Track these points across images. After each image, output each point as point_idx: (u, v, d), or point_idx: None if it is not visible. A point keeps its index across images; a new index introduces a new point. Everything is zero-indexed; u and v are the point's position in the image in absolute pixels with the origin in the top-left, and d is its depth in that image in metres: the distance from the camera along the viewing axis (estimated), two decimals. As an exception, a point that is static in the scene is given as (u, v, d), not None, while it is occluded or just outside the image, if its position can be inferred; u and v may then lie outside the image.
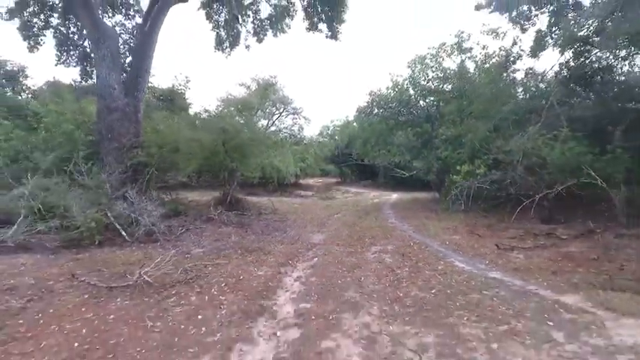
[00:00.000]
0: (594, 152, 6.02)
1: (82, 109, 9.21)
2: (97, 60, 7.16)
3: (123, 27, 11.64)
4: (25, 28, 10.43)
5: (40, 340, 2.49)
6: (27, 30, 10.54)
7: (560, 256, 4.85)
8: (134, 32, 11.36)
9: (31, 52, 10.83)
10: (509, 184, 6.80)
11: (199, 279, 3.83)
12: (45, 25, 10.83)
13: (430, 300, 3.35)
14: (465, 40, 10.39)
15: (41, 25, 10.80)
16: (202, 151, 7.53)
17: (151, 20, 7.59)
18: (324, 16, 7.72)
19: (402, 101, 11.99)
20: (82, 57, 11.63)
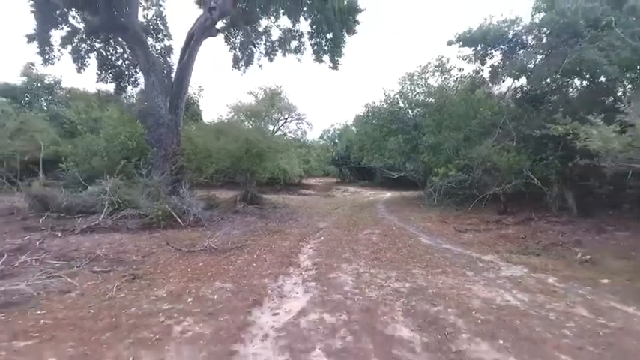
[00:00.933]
0: (534, 159, 7.76)
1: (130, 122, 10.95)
2: (148, 85, 8.92)
3: (153, 48, 13.45)
4: (74, 52, 12.14)
5: (165, 273, 4.22)
6: (76, 54, 12.28)
7: (499, 236, 6.60)
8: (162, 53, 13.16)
9: (79, 72, 12.54)
10: (472, 184, 8.55)
11: (245, 247, 5.57)
12: (90, 50, 12.58)
13: (397, 258, 5.10)
14: (445, 63, 12.13)
15: (87, 49, 12.57)
16: (230, 158, 9.28)
17: (188, 52, 9.34)
18: (328, 52, 9.44)
19: (393, 112, 13.74)
20: (118, 75, 13.39)
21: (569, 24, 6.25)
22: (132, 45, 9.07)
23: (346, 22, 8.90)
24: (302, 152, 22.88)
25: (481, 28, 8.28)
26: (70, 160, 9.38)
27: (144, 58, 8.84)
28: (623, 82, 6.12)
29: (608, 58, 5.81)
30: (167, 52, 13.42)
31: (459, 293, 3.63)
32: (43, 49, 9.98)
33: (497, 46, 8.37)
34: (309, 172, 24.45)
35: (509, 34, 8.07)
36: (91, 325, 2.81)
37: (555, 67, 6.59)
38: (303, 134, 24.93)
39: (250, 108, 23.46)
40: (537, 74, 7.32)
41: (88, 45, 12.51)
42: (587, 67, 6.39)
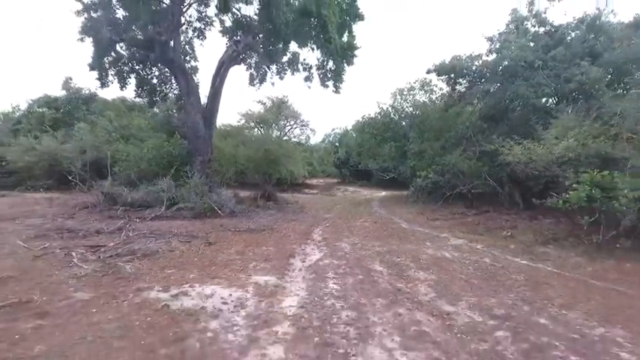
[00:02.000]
0: (491, 165, 9.81)
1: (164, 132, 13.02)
2: (188, 105, 10.97)
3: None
4: (119, 74, 14.19)
5: (227, 242, 6.27)
6: (120, 75, 14.33)
7: (459, 223, 8.66)
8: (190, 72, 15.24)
9: (122, 89, 14.63)
10: (444, 184, 10.62)
11: (274, 229, 7.62)
12: (131, 71, 14.63)
13: (381, 236, 7.15)
14: (428, 83, 14.20)
15: (129, 70, 14.62)
16: (252, 163, 11.35)
17: (219, 78, 11.40)
18: (331, 79, 11.47)
19: (385, 123, 15.80)
20: (151, 91, 15.44)
21: (509, 66, 8.27)
22: (176, 73, 11.12)
23: (346, 56, 10.96)
24: (306, 155, 24.90)
25: (452, 62, 10.32)
26: (122, 164, 11.44)
27: (185, 84, 10.91)
28: (543, 113, 8.09)
29: (536, 93, 7.84)
30: (194, 71, 15.52)
31: (416, 253, 5.69)
32: (100, 75, 12.01)
33: (463, 76, 10.43)
34: (312, 173, 26.51)
35: (472, 67, 10.12)
36: (199, 264, 4.86)
37: (502, 97, 8.62)
38: (307, 139, 27.02)
39: (260, 116, 25.54)
40: (492, 100, 9.36)
41: (129, 67, 14.62)
42: (520, 99, 8.41)
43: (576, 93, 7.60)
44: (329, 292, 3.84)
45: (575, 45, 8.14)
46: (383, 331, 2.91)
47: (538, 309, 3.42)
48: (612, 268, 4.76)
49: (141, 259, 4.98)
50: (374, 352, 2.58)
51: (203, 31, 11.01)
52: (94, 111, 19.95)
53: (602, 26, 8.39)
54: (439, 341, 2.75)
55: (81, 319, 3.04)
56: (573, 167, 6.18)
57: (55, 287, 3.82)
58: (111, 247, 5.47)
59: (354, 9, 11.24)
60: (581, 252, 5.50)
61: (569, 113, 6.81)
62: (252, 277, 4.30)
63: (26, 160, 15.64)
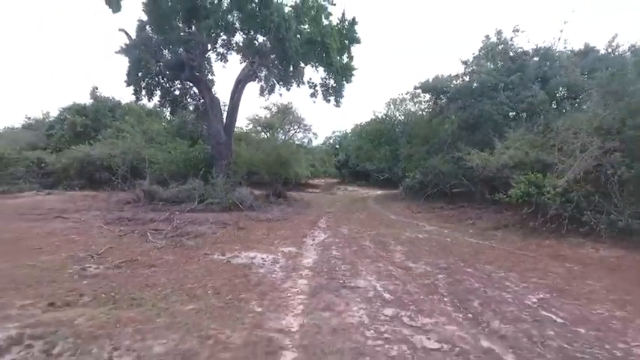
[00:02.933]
0: (466, 168, 11.48)
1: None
2: (211, 117, 12.67)
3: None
4: (147, 87, 15.89)
5: (254, 228, 7.97)
6: (147, 88, 16.03)
7: (437, 215, 10.36)
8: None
9: (148, 101, 16.35)
10: (428, 184, 12.32)
11: (287, 219, 9.33)
12: (157, 85, 16.34)
13: (373, 224, 8.86)
14: (418, 95, 15.89)
15: (155, 84, 16.33)
16: (265, 165, 13.06)
17: (237, 94, 13.11)
18: (333, 95, 13.17)
19: (380, 129, 17.51)
20: (173, 101, 17.13)
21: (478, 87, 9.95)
22: (202, 90, 12.83)
23: (345, 75, 12.65)
24: (309, 157, 26.62)
25: (434, 81, 12.01)
26: (154, 165, 13.15)
27: (209, 99, 12.63)
28: (503, 127, 9.73)
29: (497, 111, 9.52)
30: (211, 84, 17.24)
31: (397, 235, 7.40)
32: (135, 90, 13.72)
33: (444, 93, 12.11)
34: (314, 174, 28.23)
35: (451, 86, 11.80)
36: (238, 241, 6.57)
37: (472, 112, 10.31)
38: (309, 142, 28.73)
39: (266, 121, 27.27)
40: (465, 114, 11.05)
41: (155, 81, 16.34)
42: (486, 115, 10.09)
43: (527, 111, 9.29)
44: (332, 256, 5.56)
45: (530, 71, 9.82)
46: (366, 273, 4.63)
47: (469, 265, 5.13)
48: (535, 243, 6.47)
49: (194, 238, 6.70)
50: (360, 281, 4.29)
51: (225, 56, 12.66)
52: (119, 117, 21.70)
53: (554, 55, 10.06)
54: (400, 278, 4.45)
55: (177, 268, 4.76)
56: (521, 170, 7.89)
57: (146, 253, 5.54)
58: (169, 230, 7.19)
59: (352, 34, 12.93)
60: (520, 234, 7.21)
61: (520, 128, 8.50)
62: (279, 248, 6.01)
63: (63, 163, 17.37)
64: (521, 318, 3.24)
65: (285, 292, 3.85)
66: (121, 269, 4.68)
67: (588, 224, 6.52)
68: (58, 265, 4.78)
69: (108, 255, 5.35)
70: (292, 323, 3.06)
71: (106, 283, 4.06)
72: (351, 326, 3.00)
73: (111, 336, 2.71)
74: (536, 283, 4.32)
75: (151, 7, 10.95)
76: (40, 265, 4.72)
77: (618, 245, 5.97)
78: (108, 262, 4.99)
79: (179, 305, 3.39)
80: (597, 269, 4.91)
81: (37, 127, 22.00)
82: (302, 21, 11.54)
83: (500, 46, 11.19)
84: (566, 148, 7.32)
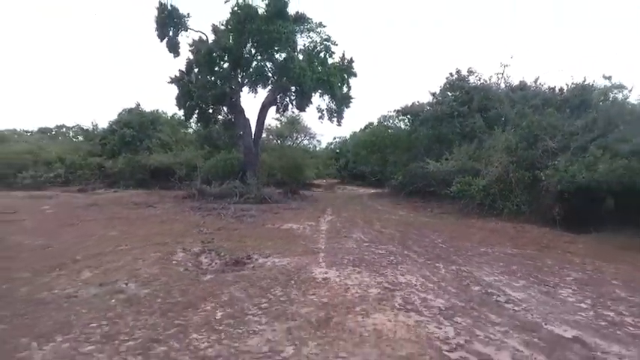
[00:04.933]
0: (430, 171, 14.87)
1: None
2: (245, 134, 16.10)
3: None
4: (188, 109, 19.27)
5: (285, 214, 11.40)
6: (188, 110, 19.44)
7: (411, 206, 13.77)
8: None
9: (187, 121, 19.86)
10: (408, 184, 15.73)
11: (304, 209, 12.75)
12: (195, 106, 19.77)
13: (365, 213, 12.29)
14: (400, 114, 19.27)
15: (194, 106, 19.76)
16: (284, 170, 16.49)
17: (263, 116, 16.54)
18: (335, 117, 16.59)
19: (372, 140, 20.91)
20: (207, 119, 20.56)
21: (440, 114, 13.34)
22: (237, 114, 16.28)
23: (345, 102, 16.06)
24: (314, 162, 30.06)
25: (412, 107, 15.40)
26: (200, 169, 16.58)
27: (242, 120, 16.07)
28: (454, 144, 13.01)
29: (452, 132, 12.90)
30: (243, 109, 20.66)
31: (378, 217, 10.81)
32: (185, 113, 17.19)
33: (418, 115, 15.52)
34: (318, 175, 31.71)
35: (424, 111, 15.19)
36: (278, 219, 9.99)
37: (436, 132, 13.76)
38: (314, 148, 32.20)
39: (277, 130, 30.77)
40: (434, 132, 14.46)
41: (194, 103, 19.79)
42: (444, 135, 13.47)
43: (470, 134, 12.67)
44: (337, 227, 8.98)
45: (475, 103, 13.19)
46: (356, 233, 8.05)
47: (416, 230, 8.55)
48: (463, 221, 9.87)
49: (250, 217, 10.13)
50: (352, 235, 7.72)
51: (256, 88, 16.09)
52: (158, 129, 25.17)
53: (494, 90, 13.43)
54: (375, 235, 7.88)
55: (251, 231, 8.19)
56: (462, 174, 11.29)
57: (225, 225, 8.96)
58: (231, 214, 10.63)
59: (350, 69, 16.36)
60: (457, 216, 10.63)
61: (464, 145, 11.92)
62: (304, 222, 9.45)
63: (119, 167, 20.83)
64: (428, 246, 6.68)
65: (313, 238, 7.29)
66: (220, 231, 8.10)
67: (498, 209, 9.94)
68: (184, 229, 8.22)
69: (204, 226, 8.77)
70: (320, 246, 6.50)
71: (218, 235, 7.49)
72: (347, 247, 6.44)
73: (241, 249, 6.16)
74: (447, 236, 7.76)
75: (202, 56, 14.39)
76: (175, 229, 8.17)
77: (512, 221, 9.38)
78: (209, 228, 8.41)
79: (267, 242, 6.83)
80: (485, 231, 8.34)
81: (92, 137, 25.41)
82: (313, 63, 14.98)
83: (458, 82, 14.58)
84: (488, 160, 10.74)
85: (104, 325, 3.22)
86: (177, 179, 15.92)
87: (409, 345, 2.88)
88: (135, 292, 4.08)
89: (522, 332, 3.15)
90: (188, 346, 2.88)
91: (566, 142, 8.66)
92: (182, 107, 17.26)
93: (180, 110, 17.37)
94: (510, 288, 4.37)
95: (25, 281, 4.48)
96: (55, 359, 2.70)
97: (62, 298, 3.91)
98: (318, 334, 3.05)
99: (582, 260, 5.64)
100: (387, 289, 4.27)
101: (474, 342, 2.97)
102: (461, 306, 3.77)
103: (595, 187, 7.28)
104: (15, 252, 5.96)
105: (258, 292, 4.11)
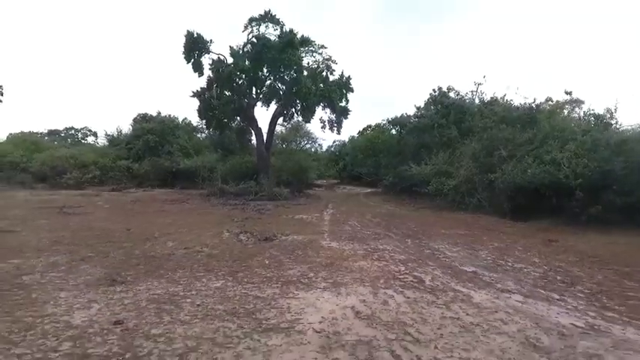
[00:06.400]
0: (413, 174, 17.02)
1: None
2: (258, 141, 18.26)
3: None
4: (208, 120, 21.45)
5: (294, 208, 13.57)
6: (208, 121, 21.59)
7: (399, 202, 15.94)
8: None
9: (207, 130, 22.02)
10: (397, 184, 17.88)
11: (310, 205, 14.92)
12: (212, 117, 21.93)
13: (359, 207, 14.47)
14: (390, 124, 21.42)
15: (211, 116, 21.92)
16: (291, 171, 18.67)
17: (273, 126, 18.71)
18: (335, 127, 18.76)
19: (367, 146, 23.11)
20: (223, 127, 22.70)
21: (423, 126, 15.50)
22: (251, 124, 18.46)
23: (344, 114, 18.24)
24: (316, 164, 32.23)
25: (400, 118, 17.57)
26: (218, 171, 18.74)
27: (256, 129, 18.25)
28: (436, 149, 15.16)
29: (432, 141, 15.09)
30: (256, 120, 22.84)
31: (371, 210, 12.99)
32: (206, 123, 19.37)
33: (406, 126, 17.67)
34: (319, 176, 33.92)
35: (410, 122, 17.35)
36: (290, 212, 12.17)
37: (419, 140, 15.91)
38: (316, 151, 34.38)
39: (282, 135, 32.93)
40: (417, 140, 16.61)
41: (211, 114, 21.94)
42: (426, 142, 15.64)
43: (446, 143, 14.85)
44: (337, 217, 11.15)
45: (452, 116, 15.36)
46: (352, 221, 10.23)
47: (398, 219, 10.72)
48: (437, 214, 12.04)
49: (267, 211, 12.30)
50: (348, 222, 9.90)
51: (269, 102, 18.25)
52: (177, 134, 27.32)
53: (468, 105, 15.61)
54: (366, 222, 10.06)
55: (272, 219, 10.38)
56: (438, 176, 13.45)
57: (250, 216, 11.13)
58: (251, 208, 12.79)
59: (348, 85, 18.53)
60: (434, 210, 12.79)
61: (441, 152, 14.09)
62: (312, 214, 11.63)
63: (145, 169, 22.99)
64: (404, 229, 8.86)
65: (320, 224, 9.48)
66: (247, 220, 10.26)
67: (465, 204, 12.10)
68: (219, 219, 10.40)
69: (234, 217, 10.93)
70: (324, 229, 8.68)
71: (247, 222, 9.67)
72: (344, 230, 8.63)
73: (268, 231, 8.36)
74: (420, 223, 9.94)
75: (224, 76, 16.57)
76: (212, 219, 10.35)
77: (475, 213, 11.54)
78: (238, 218, 10.57)
79: (285, 226, 9.00)
80: (450, 220, 10.52)
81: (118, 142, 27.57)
82: (316, 81, 17.17)
83: (439, 97, 16.74)
84: (459, 164, 12.91)
85: (202, 266, 5.41)
86: (201, 180, 18.09)
87: (377, 273, 5.07)
88: (209, 252, 6.27)
89: (444, 269, 5.34)
90: (254, 274, 5.05)
91: (514, 151, 10.80)
92: (203, 117, 19.41)
93: (202, 120, 19.41)
94: (449, 251, 6.55)
95: (132, 248, 6.65)
96: (182, 278, 4.86)
97: (165, 255, 6.09)
98: (326, 269, 5.24)
99: (508, 237, 7.82)
100: (369, 251, 6.45)
101: (414, 272, 5.15)
102: (413, 259, 5.96)
103: (527, 186, 9.43)
104: (107, 232, 8.13)
105: (286, 252, 6.30)
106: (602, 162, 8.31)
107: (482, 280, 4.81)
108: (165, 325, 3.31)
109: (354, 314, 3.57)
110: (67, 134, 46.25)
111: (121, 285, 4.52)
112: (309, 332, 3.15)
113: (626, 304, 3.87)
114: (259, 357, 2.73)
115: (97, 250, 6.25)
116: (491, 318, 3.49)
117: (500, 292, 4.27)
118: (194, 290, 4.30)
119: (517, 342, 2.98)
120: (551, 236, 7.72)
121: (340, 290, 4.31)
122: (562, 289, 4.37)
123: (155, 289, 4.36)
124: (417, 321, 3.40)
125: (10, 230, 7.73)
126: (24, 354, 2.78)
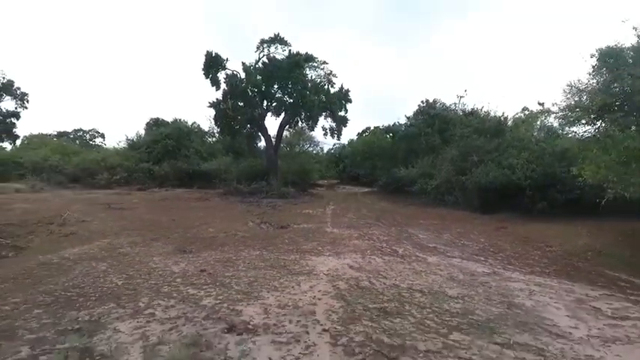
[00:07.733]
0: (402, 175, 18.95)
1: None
2: (267, 146, 20.20)
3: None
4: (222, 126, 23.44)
5: (301, 205, 15.51)
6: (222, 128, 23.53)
7: (392, 200, 17.87)
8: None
9: (221, 135, 23.98)
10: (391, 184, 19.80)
11: (314, 202, 16.86)
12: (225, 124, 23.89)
13: (356, 204, 16.41)
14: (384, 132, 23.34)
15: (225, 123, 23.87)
16: (296, 173, 20.59)
17: (280, 134, 20.65)
18: (335, 133, 20.69)
19: (365, 150, 25.03)
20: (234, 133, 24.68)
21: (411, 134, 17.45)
22: (261, 131, 20.41)
23: (343, 122, 20.18)
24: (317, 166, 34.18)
25: (393, 126, 19.50)
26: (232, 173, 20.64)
27: (266, 136, 20.20)
28: (423, 154, 17.08)
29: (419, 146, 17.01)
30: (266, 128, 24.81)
31: (367, 206, 14.92)
32: (221, 129, 21.33)
33: (399, 132, 19.60)
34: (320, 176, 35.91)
35: (402, 129, 19.27)
36: (298, 207, 14.11)
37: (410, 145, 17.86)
38: (317, 154, 36.34)
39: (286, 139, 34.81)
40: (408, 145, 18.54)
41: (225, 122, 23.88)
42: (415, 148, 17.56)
43: (431, 149, 16.78)
44: (337, 212, 13.09)
45: (436, 126, 17.27)
46: (349, 215, 12.17)
47: (389, 213, 12.65)
48: (421, 209, 13.96)
49: (279, 207, 14.23)
50: (347, 216, 11.85)
51: (279, 113, 20.19)
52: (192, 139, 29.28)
53: (451, 115, 17.54)
54: (362, 216, 12.00)
55: (286, 213, 12.32)
56: (424, 178, 15.38)
57: (266, 211, 13.08)
58: (265, 205, 14.72)
59: (347, 97, 20.47)
60: (419, 206, 14.72)
61: (426, 157, 16.03)
62: (316, 209, 13.57)
63: (165, 170, 24.94)
64: (391, 220, 10.80)
65: (323, 217, 11.43)
66: (264, 214, 12.20)
67: (445, 201, 14.03)
68: (241, 213, 12.33)
69: (252, 211, 12.87)
70: (327, 220, 10.64)
71: (264, 216, 11.61)
72: (343, 221, 10.58)
73: (283, 221, 10.31)
74: (405, 216, 11.87)
75: (239, 90, 18.51)
76: (235, 213, 12.29)
77: (452, 209, 13.45)
78: (257, 212, 12.51)
79: (296, 218, 10.95)
80: (430, 214, 12.44)
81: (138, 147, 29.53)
82: (319, 93, 19.11)
83: (426, 108, 18.66)
84: (440, 167, 14.85)
85: (240, 244, 7.36)
86: (218, 180, 20.04)
87: (366, 247, 7.03)
88: (243, 235, 8.23)
89: (414, 245, 7.29)
90: (279, 248, 7.00)
91: (483, 157, 12.72)
92: (219, 125, 21.37)
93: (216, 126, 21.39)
94: (422, 235, 8.49)
95: (184, 232, 8.59)
96: (230, 250, 6.79)
97: (209, 237, 8.04)
98: (330, 245, 7.20)
99: (470, 225, 9.76)
100: (361, 235, 8.40)
101: (392, 247, 7.11)
102: (394, 239, 7.91)
103: (489, 186, 11.36)
104: (157, 222, 10.06)
105: (300, 235, 8.25)
106: (547, 167, 10.22)
107: (438, 250, 6.77)
108: (231, 272, 5.27)
109: (349, 267, 5.52)
110: (75, 136, 47.93)
111: (190, 254, 6.48)
112: (321, 275, 5.11)
113: (524, 263, 5.82)
114: (294, 283, 4.67)
115: (159, 234, 8.21)
116: (434, 269, 5.44)
117: (447, 257, 6.23)
118: (241, 256, 6.25)
119: (444, 278, 4.93)
120: (504, 225, 9.66)
121: (340, 256, 6.26)
122: (488, 255, 6.32)
123: (215, 255, 6.32)
124: (387, 270, 5.36)
125: (84, 220, 9.68)
126: (155, 284, 4.73)
